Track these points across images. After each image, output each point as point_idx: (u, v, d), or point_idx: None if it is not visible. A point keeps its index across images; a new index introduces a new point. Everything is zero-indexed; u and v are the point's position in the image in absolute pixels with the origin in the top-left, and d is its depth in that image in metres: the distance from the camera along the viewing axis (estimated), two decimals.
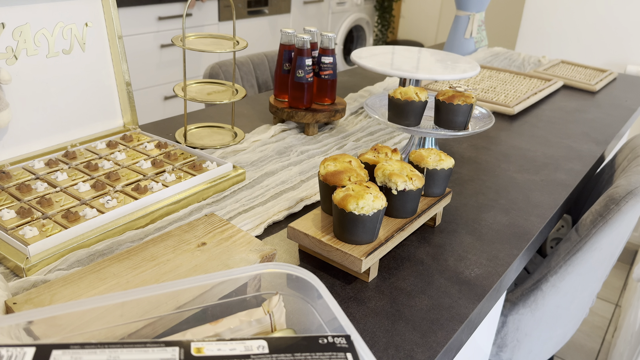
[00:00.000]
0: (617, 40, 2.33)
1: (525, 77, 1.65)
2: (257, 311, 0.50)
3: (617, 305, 2.12)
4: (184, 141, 1.03)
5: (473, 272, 0.72)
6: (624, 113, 1.46)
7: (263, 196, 0.86)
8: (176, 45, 0.97)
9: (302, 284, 0.50)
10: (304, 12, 3.33)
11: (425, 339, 0.60)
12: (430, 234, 0.81)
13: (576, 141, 1.24)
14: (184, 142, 1.03)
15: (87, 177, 0.81)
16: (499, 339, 1.09)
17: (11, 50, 0.80)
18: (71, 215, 0.69)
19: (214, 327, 0.48)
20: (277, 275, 0.52)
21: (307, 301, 0.50)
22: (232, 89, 1.08)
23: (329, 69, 1.12)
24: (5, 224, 0.68)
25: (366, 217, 0.64)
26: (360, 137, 1.14)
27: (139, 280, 0.55)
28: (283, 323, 0.50)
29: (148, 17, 2.38)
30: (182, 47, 0.96)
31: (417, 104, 0.91)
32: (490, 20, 3.27)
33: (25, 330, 0.43)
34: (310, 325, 0.50)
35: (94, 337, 0.45)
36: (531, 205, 0.92)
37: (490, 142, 1.20)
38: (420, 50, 1.34)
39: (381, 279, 0.69)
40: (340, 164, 0.74)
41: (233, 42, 1.03)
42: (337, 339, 0.42)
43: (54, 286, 0.53)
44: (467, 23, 1.87)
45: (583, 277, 1.04)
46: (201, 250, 0.61)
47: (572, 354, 1.85)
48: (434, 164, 0.78)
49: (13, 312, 0.50)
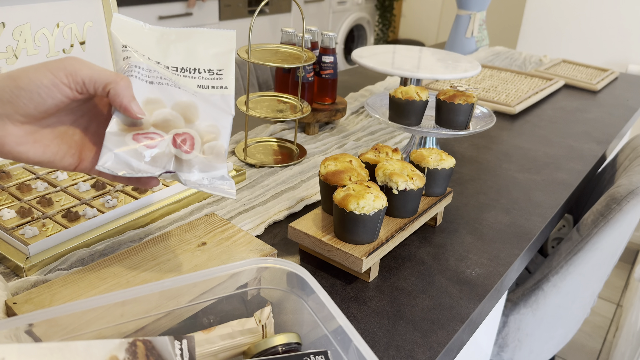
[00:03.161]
0: (619, 40, 2.32)
1: (526, 77, 1.65)
2: (249, 321, 0.50)
3: (619, 305, 2.12)
4: (244, 157, 0.97)
5: (474, 272, 0.72)
6: (625, 112, 1.46)
7: (263, 196, 0.86)
8: (241, 56, 0.89)
9: (298, 280, 0.50)
10: (305, 11, 3.33)
11: (426, 339, 0.60)
12: (431, 233, 0.81)
13: (577, 141, 1.23)
14: (244, 157, 0.97)
15: (87, 176, 0.81)
16: (500, 339, 1.09)
17: (11, 49, 0.80)
18: (71, 215, 0.69)
19: (206, 336, 0.48)
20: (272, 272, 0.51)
21: (301, 297, 0.50)
22: (298, 104, 1.01)
23: (330, 68, 1.12)
24: (5, 224, 0.68)
25: (367, 217, 0.64)
26: (360, 137, 1.14)
27: (139, 280, 0.55)
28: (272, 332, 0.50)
29: (148, 16, 2.38)
30: (248, 60, 0.89)
31: (418, 104, 0.91)
32: (491, 20, 3.27)
33: (25, 331, 0.43)
34: (305, 322, 0.50)
35: (94, 337, 0.45)
36: (532, 205, 0.92)
37: (492, 141, 1.20)
38: (421, 50, 1.34)
39: (382, 278, 0.69)
40: (340, 163, 0.74)
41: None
42: (317, 357, 0.43)
43: (54, 286, 0.53)
44: (468, 22, 1.87)
45: (584, 276, 1.03)
46: (201, 250, 0.60)
47: (574, 354, 1.85)
48: (435, 163, 0.78)
49: (13, 312, 0.50)
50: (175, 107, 0.53)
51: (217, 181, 0.53)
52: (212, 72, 0.57)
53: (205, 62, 0.57)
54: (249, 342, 0.49)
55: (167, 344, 0.40)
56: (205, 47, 0.58)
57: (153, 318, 0.49)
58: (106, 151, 0.49)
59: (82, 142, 0.52)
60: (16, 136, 0.46)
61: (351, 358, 0.44)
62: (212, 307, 0.52)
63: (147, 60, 0.54)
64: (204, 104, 0.55)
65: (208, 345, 0.48)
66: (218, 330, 0.48)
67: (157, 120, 0.51)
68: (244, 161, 0.96)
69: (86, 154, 0.52)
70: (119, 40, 0.54)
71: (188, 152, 0.51)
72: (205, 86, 0.57)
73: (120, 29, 0.55)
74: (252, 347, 0.47)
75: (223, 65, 0.58)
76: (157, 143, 0.50)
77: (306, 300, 0.50)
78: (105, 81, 0.48)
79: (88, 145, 0.52)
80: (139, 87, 0.51)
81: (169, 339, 0.41)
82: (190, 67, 0.57)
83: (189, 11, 2.57)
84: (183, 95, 0.54)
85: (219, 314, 0.53)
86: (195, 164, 0.52)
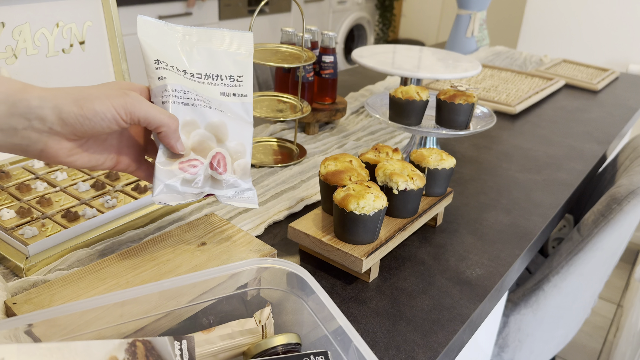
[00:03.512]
0: (619, 39, 2.32)
1: (526, 76, 1.65)
2: (249, 321, 0.50)
3: (619, 306, 2.11)
4: None
5: (474, 272, 0.72)
6: (626, 112, 1.46)
7: (263, 196, 0.86)
8: None
9: (298, 281, 0.50)
10: (305, 11, 3.33)
11: (426, 340, 0.59)
12: (431, 233, 0.81)
13: (578, 140, 1.23)
14: None
15: (87, 176, 0.81)
16: (501, 339, 1.09)
17: (11, 49, 0.80)
18: (71, 215, 0.69)
19: (206, 336, 0.48)
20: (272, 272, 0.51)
21: (301, 297, 0.50)
22: (298, 104, 1.01)
23: (330, 68, 1.12)
24: (4, 224, 0.67)
25: (367, 217, 0.64)
26: (361, 137, 1.13)
27: (138, 280, 0.55)
28: (272, 333, 0.50)
29: (148, 16, 2.38)
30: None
31: (418, 103, 0.90)
32: (491, 19, 3.27)
33: (24, 331, 0.43)
34: (305, 322, 0.50)
35: (94, 338, 0.45)
36: (533, 205, 0.91)
37: (492, 141, 1.20)
38: (422, 49, 1.34)
39: (382, 279, 0.69)
40: (340, 163, 0.74)
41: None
42: (317, 357, 0.43)
43: (53, 286, 0.53)
44: (468, 22, 1.86)
45: (585, 277, 1.03)
46: (201, 250, 0.60)
47: (574, 354, 1.84)
48: (435, 163, 0.78)
49: (12, 312, 0.50)
50: (208, 127, 0.58)
51: (244, 193, 0.60)
52: (232, 78, 0.61)
53: (227, 68, 0.61)
54: (248, 342, 0.49)
55: (167, 345, 0.40)
56: (226, 50, 0.62)
57: (153, 318, 0.48)
58: (158, 183, 0.55)
59: (118, 147, 0.57)
60: (68, 149, 0.51)
61: (351, 358, 0.43)
62: (212, 308, 0.52)
63: (177, 73, 0.58)
64: (230, 121, 0.60)
65: (208, 345, 0.48)
66: (218, 331, 0.48)
67: (194, 142, 0.57)
68: None
69: (122, 157, 0.57)
70: (149, 54, 0.57)
71: (222, 174, 0.58)
72: (227, 94, 0.61)
73: (147, 34, 0.58)
74: (252, 348, 0.47)
75: (243, 71, 0.62)
76: (198, 170, 0.57)
77: (306, 300, 0.50)
78: (159, 123, 0.52)
79: (124, 149, 0.57)
80: (177, 110, 0.56)
81: (169, 340, 0.41)
82: (213, 73, 0.61)
83: (189, 11, 2.57)
84: (214, 115, 0.58)
85: (219, 315, 0.52)
86: (228, 182, 0.59)
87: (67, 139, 0.50)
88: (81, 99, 0.48)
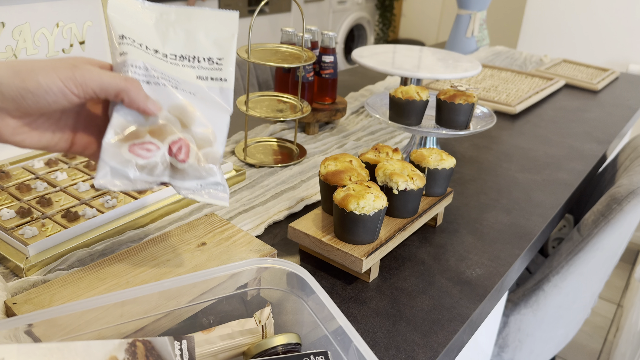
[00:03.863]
0: (619, 39, 2.32)
1: (527, 76, 1.65)
2: (249, 321, 0.50)
3: (619, 306, 2.11)
4: (243, 157, 0.97)
5: (474, 272, 0.72)
6: (626, 112, 1.46)
7: (263, 196, 0.86)
8: (240, 56, 0.88)
9: (298, 280, 0.50)
10: (305, 10, 3.33)
11: (426, 340, 0.59)
12: (431, 234, 0.81)
13: (578, 140, 1.23)
14: (244, 157, 0.96)
15: (87, 176, 0.81)
16: (501, 339, 1.09)
17: (11, 49, 0.80)
18: (71, 215, 0.69)
19: (206, 336, 0.48)
20: (272, 272, 0.51)
21: (301, 297, 0.50)
22: (298, 104, 1.01)
23: (330, 68, 1.12)
24: (4, 224, 0.67)
25: (367, 217, 0.64)
26: (361, 137, 1.13)
27: (138, 280, 0.55)
28: (272, 333, 0.50)
29: None
30: (248, 59, 0.89)
31: (418, 103, 0.90)
32: (491, 19, 3.27)
33: (24, 331, 0.43)
34: (305, 322, 0.50)
35: (94, 338, 0.45)
36: (533, 205, 0.91)
37: (492, 141, 1.20)
38: (422, 49, 1.34)
39: (382, 279, 0.69)
40: (340, 163, 0.74)
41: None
42: (317, 357, 0.43)
43: (53, 286, 0.53)
44: (468, 22, 1.86)
45: (585, 277, 1.03)
46: (201, 250, 0.60)
47: (574, 354, 1.84)
48: (435, 163, 0.78)
49: (12, 312, 0.50)
50: (172, 109, 0.52)
51: (211, 187, 0.53)
52: (212, 60, 0.56)
53: (206, 49, 0.56)
54: (248, 342, 0.49)
55: (167, 345, 0.40)
56: (206, 31, 0.56)
57: (153, 318, 0.48)
58: (103, 165, 0.49)
59: (74, 126, 0.52)
60: (13, 127, 0.47)
61: (351, 358, 0.43)
62: (212, 308, 0.52)
63: (145, 51, 0.53)
64: (201, 104, 0.54)
65: (208, 345, 0.48)
66: (218, 331, 0.48)
67: (154, 126, 0.51)
68: (243, 161, 0.96)
69: (79, 137, 0.52)
70: (116, 29, 0.52)
71: (183, 162, 0.51)
72: (205, 77, 0.55)
73: (117, 10, 0.53)
74: (252, 348, 0.47)
75: (224, 54, 0.56)
76: (153, 154, 0.50)
77: (306, 300, 0.50)
78: (116, 89, 0.48)
79: (80, 128, 0.52)
80: None
81: (169, 340, 0.41)
82: (190, 55, 0.55)
83: None
84: (180, 96, 0.53)
85: (219, 315, 0.52)
86: (190, 172, 0.52)
87: (12, 115, 0.46)
88: (23, 71, 0.44)
